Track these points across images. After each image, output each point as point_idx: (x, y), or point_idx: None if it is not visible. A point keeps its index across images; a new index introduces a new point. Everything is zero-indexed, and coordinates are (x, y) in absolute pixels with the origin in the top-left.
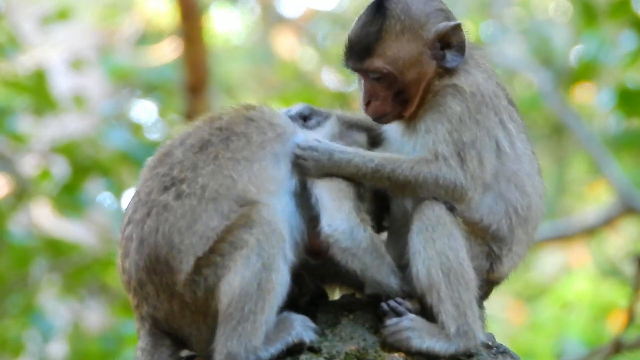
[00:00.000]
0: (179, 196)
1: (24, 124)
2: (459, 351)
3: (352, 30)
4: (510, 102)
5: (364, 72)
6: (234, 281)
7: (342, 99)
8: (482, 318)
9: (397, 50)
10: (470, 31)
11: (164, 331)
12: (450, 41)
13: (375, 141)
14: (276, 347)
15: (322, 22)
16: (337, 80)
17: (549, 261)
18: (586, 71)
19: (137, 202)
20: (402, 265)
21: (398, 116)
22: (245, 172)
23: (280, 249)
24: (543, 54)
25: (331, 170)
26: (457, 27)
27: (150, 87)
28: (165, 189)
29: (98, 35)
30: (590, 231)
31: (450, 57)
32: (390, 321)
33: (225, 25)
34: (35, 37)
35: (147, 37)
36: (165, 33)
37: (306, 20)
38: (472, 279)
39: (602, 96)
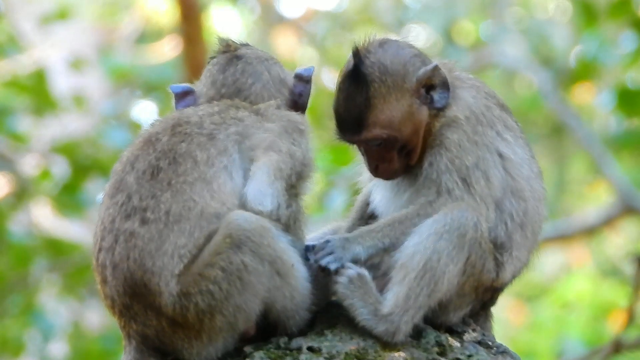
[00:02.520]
0: (144, 222)
1: (24, 124)
2: (372, 331)
3: (338, 104)
4: (503, 108)
5: (363, 142)
6: (254, 303)
7: None
8: (488, 323)
9: (389, 112)
10: (470, 31)
11: (151, 348)
12: (432, 83)
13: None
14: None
15: (322, 22)
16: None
17: (549, 261)
18: (586, 71)
19: (103, 229)
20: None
21: (406, 168)
22: (204, 192)
23: (275, 240)
24: (543, 54)
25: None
26: (435, 69)
27: (150, 87)
28: (128, 217)
29: (97, 34)
30: (590, 231)
31: (437, 97)
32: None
33: (225, 25)
34: (35, 37)
35: (146, 36)
36: (164, 31)
37: (306, 20)
38: (440, 292)
39: (602, 96)
